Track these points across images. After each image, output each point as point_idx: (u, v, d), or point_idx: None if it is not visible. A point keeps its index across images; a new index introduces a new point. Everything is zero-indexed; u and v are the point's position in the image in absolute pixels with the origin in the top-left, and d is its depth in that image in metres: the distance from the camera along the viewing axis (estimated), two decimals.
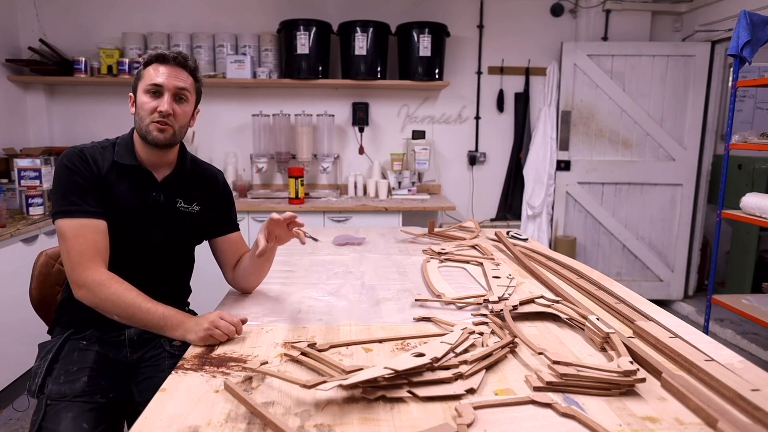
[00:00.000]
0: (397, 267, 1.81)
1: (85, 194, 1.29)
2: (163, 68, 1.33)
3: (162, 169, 1.43)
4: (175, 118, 1.34)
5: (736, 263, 3.77)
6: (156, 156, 1.40)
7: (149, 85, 1.33)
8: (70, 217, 1.27)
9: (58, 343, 1.37)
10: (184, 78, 1.36)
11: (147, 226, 1.39)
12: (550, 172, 3.83)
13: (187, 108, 1.38)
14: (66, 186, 1.29)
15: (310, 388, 0.89)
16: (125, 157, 1.38)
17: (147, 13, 3.66)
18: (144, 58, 1.37)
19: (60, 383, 1.28)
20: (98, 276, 1.24)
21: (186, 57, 1.36)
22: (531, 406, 0.90)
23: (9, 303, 2.47)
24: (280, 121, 3.64)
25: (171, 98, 1.33)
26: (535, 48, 3.88)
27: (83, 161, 1.32)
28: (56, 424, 1.19)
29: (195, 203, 1.47)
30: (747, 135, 2.89)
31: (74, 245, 1.25)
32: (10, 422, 2.39)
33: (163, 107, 1.32)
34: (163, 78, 1.32)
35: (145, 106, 1.33)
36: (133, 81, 1.40)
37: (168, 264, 1.47)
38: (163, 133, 1.33)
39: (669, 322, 1.22)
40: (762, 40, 2.66)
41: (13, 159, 3.01)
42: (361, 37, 3.46)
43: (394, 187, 3.72)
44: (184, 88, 1.35)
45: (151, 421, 0.85)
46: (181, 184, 1.45)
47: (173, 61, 1.34)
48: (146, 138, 1.34)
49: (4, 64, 3.37)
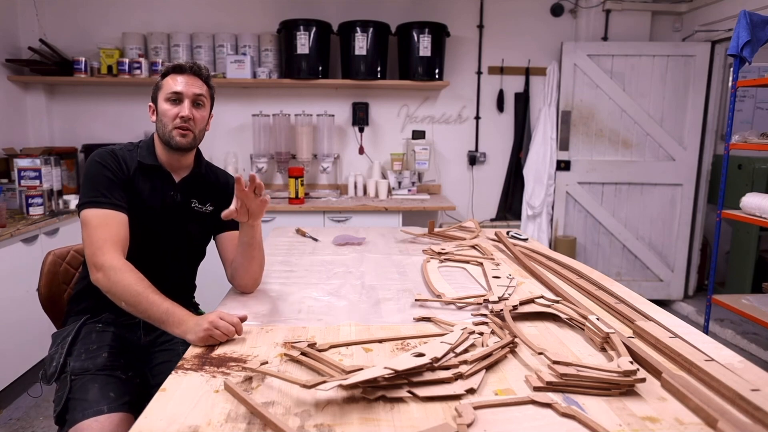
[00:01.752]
0: (397, 267, 1.81)
1: (113, 188, 1.39)
2: (181, 77, 1.45)
3: (180, 171, 1.53)
4: (194, 123, 1.45)
5: (736, 263, 3.77)
6: (175, 159, 1.50)
7: (170, 93, 1.44)
8: (97, 207, 1.35)
9: (76, 327, 1.44)
10: (200, 85, 1.47)
11: (164, 223, 1.49)
12: (550, 172, 3.83)
13: (204, 113, 1.49)
14: (96, 180, 1.39)
15: (310, 388, 0.89)
16: (147, 158, 1.48)
17: (147, 13, 3.66)
18: (162, 70, 1.49)
19: (82, 360, 1.35)
20: (116, 262, 1.30)
21: (200, 66, 1.48)
22: (531, 406, 0.90)
23: (9, 303, 2.47)
24: (280, 121, 3.64)
25: (190, 104, 1.44)
26: (535, 48, 3.88)
27: (114, 160, 1.43)
28: (84, 393, 1.25)
29: (208, 204, 1.58)
30: (747, 135, 2.89)
31: (98, 232, 1.33)
32: (10, 422, 2.39)
33: (184, 112, 1.43)
34: (182, 86, 1.44)
35: (167, 113, 1.44)
36: (153, 92, 1.50)
37: (180, 259, 1.57)
38: (185, 138, 1.44)
39: (669, 322, 1.23)
40: (762, 40, 2.66)
41: (13, 159, 3.01)
42: (361, 37, 3.47)
43: (394, 187, 3.72)
44: (201, 94, 1.47)
45: (151, 421, 0.85)
46: (196, 185, 1.56)
47: (189, 70, 1.46)
48: (169, 143, 1.45)
49: (4, 64, 3.37)
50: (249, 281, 1.52)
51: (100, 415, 1.20)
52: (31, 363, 2.61)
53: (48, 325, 1.59)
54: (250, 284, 1.53)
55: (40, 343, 2.37)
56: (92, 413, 1.20)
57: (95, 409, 1.21)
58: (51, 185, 2.95)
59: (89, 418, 1.19)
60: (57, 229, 2.81)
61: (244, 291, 1.53)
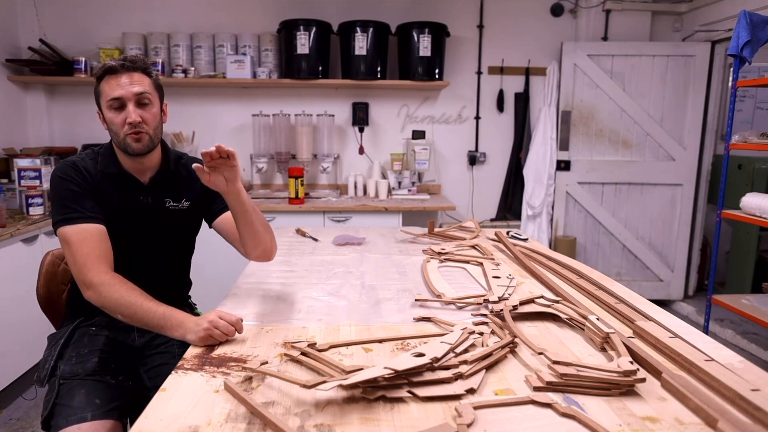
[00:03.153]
0: (397, 267, 1.81)
1: (83, 200, 1.33)
2: (115, 80, 1.33)
3: (147, 173, 1.45)
4: (146, 124, 1.35)
5: (736, 263, 3.77)
6: (139, 163, 1.42)
7: (110, 100, 1.33)
8: (71, 224, 1.30)
9: (69, 330, 1.43)
10: (140, 81, 1.35)
11: (141, 228, 1.44)
12: (550, 172, 3.83)
13: (154, 110, 1.38)
14: (63, 195, 1.33)
15: (310, 388, 0.89)
16: (110, 166, 1.40)
17: (147, 13, 3.66)
18: (96, 74, 1.37)
19: (72, 364, 1.33)
20: (104, 277, 1.27)
21: (134, 60, 1.35)
22: (531, 406, 0.90)
23: (10, 303, 2.47)
24: (280, 121, 3.64)
25: (135, 106, 1.33)
26: (535, 48, 3.88)
27: (76, 171, 1.36)
28: (70, 399, 1.23)
29: (183, 199, 1.51)
30: (747, 135, 2.89)
31: (79, 249, 1.28)
32: (10, 422, 2.39)
33: (131, 118, 1.32)
34: (120, 90, 1.32)
35: (114, 121, 1.34)
36: (95, 98, 1.39)
37: (166, 260, 1.53)
38: (140, 142, 1.35)
39: (669, 322, 1.22)
40: (762, 40, 2.66)
41: (13, 159, 3.01)
42: (361, 37, 3.46)
43: (394, 187, 3.72)
44: (144, 91, 1.35)
45: (151, 421, 0.85)
46: (167, 183, 1.48)
47: (122, 68, 1.33)
48: (126, 150, 1.36)
49: (4, 64, 3.37)
50: (261, 249, 1.46)
51: (83, 422, 1.17)
52: (31, 363, 2.61)
53: (47, 325, 1.59)
54: (265, 251, 1.47)
55: (39, 343, 2.35)
56: (75, 420, 1.17)
57: (79, 416, 1.18)
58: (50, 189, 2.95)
59: (72, 425, 1.17)
60: None
61: (264, 260, 1.49)
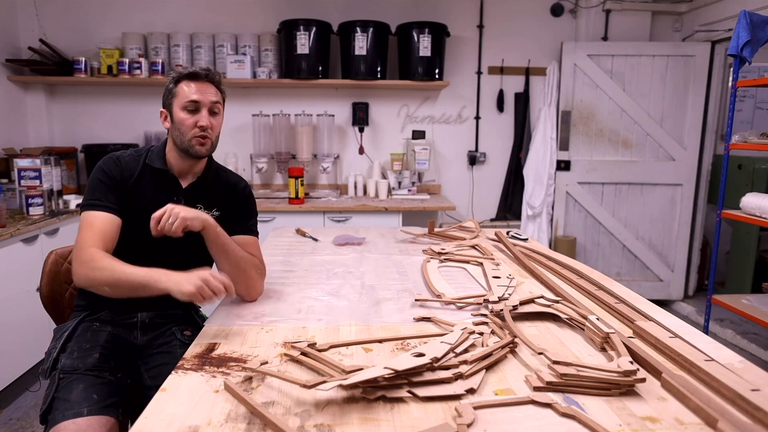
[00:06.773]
0: (397, 267, 1.81)
1: (108, 193, 1.41)
2: (195, 85, 1.43)
3: (189, 177, 1.53)
4: (212, 130, 1.46)
5: (736, 263, 3.77)
6: (187, 165, 1.50)
7: (187, 102, 1.42)
8: (90, 210, 1.39)
9: (73, 324, 1.45)
10: (215, 92, 1.46)
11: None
12: (550, 172, 3.83)
13: (220, 119, 1.50)
14: (94, 185, 1.43)
15: (310, 388, 0.89)
16: (156, 162, 1.48)
17: (147, 13, 3.66)
18: (174, 75, 1.46)
19: (73, 358, 1.35)
20: (93, 254, 1.31)
21: (215, 72, 1.47)
22: (531, 406, 0.90)
23: (10, 303, 2.47)
24: (280, 121, 3.64)
25: (208, 113, 1.44)
26: (535, 48, 3.88)
27: (117, 166, 1.45)
28: (68, 393, 1.25)
29: (215, 209, 1.55)
30: (747, 135, 2.89)
31: (86, 232, 1.36)
32: (11, 422, 2.39)
33: (203, 122, 1.42)
34: (199, 95, 1.42)
35: (185, 122, 1.43)
36: (164, 97, 1.48)
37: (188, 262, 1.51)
38: (204, 146, 1.45)
39: (669, 322, 1.23)
40: (762, 40, 2.66)
41: (13, 159, 3.01)
42: (361, 37, 3.46)
43: (394, 187, 3.72)
44: (217, 101, 1.46)
45: (151, 421, 0.85)
46: (203, 191, 1.54)
47: (204, 77, 1.44)
48: (188, 152, 1.45)
49: (4, 64, 3.37)
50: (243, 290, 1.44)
51: (79, 417, 1.18)
52: (31, 363, 2.61)
53: (48, 324, 1.59)
54: (250, 293, 1.46)
55: (39, 343, 2.37)
56: (72, 414, 1.18)
57: (75, 410, 1.20)
58: (51, 185, 2.95)
59: (68, 419, 1.18)
60: (57, 229, 2.81)
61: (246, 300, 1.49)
